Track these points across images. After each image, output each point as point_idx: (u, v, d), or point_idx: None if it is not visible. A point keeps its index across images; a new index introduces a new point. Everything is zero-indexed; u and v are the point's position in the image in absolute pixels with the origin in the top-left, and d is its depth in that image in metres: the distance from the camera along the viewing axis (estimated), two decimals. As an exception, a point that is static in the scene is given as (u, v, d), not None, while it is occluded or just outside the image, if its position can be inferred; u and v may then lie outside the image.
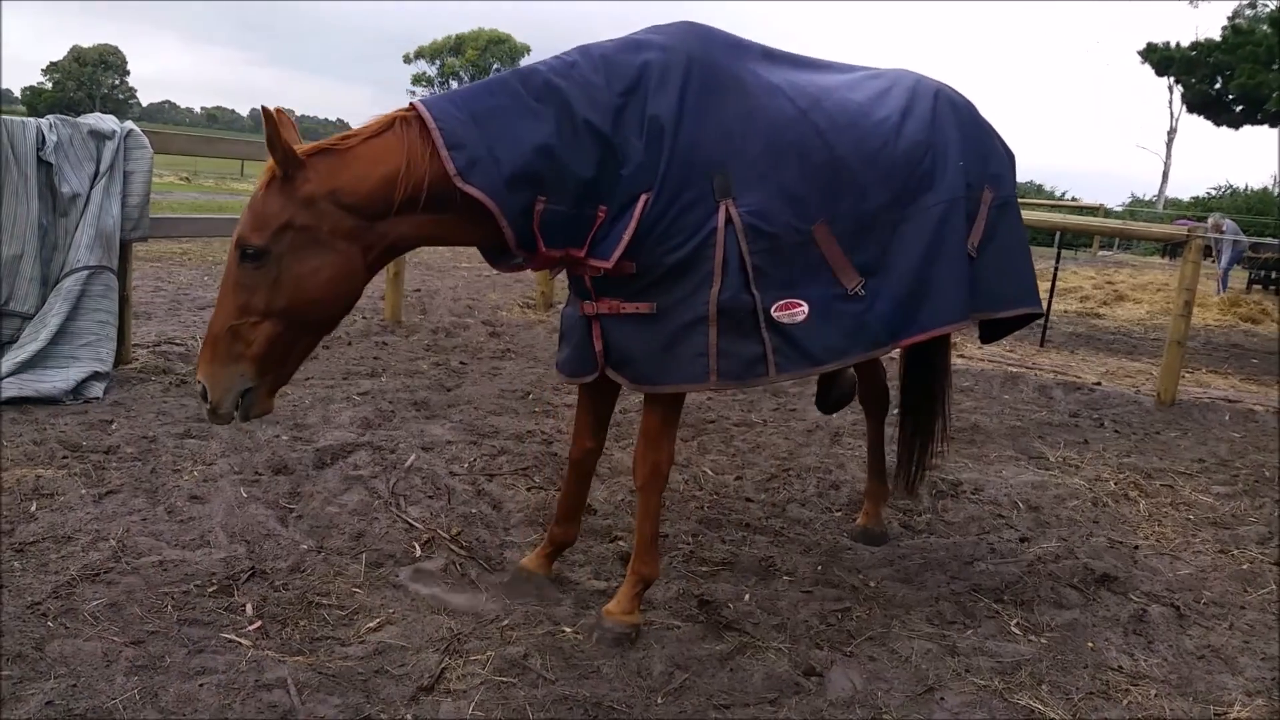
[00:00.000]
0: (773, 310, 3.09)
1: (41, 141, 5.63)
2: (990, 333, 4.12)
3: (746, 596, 3.74)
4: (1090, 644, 3.60)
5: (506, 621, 3.37)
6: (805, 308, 3.15)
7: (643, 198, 2.97)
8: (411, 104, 2.90)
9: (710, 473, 5.30)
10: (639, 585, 3.37)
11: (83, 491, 4.12)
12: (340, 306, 2.91)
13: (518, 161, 2.85)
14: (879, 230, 3.34)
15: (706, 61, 3.13)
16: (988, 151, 3.67)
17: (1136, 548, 4.64)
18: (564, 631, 3.35)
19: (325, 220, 2.76)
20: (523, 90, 2.93)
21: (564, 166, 2.91)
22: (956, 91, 3.77)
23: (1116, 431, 7.10)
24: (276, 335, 2.78)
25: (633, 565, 3.40)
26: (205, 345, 2.81)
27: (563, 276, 3.48)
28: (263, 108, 2.66)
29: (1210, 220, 21.41)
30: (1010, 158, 3.90)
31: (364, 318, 8.97)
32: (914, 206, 3.40)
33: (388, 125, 2.87)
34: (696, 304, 3.02)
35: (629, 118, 2.99)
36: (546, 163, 2.88)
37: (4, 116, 5.57)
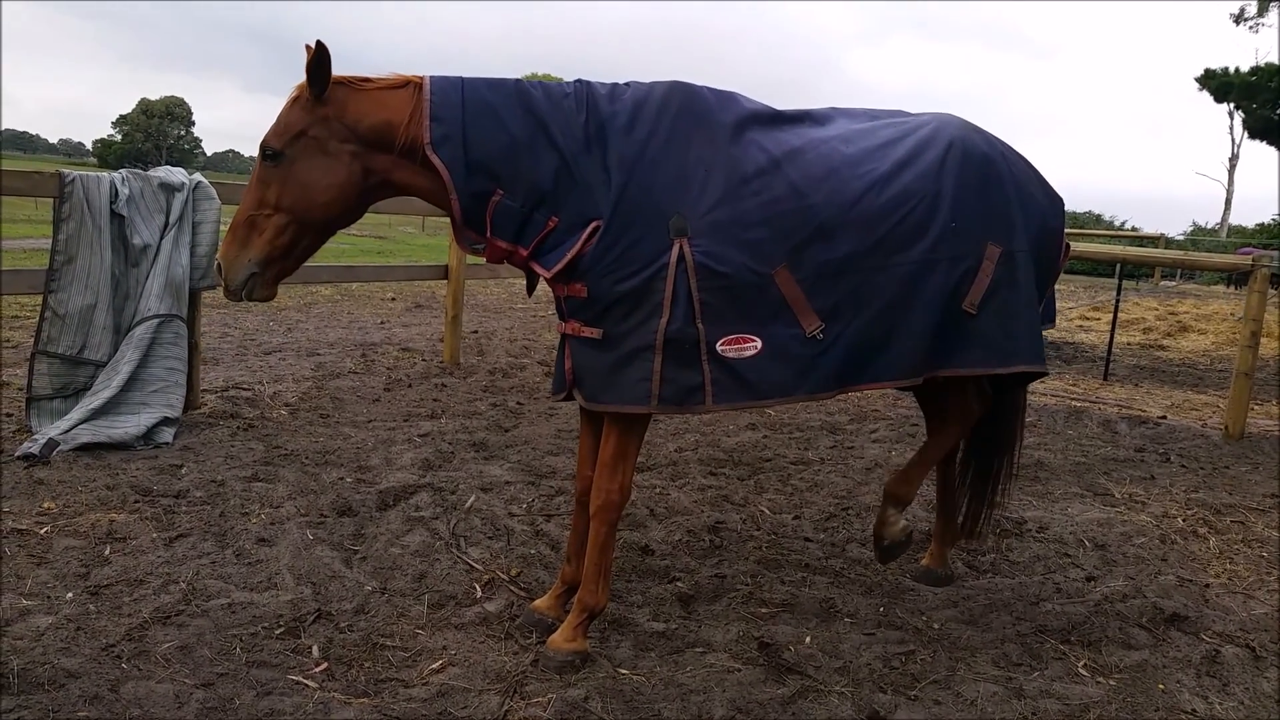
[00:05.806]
0: (719, 344, 3.24)
1: (114, 195, 5.84)
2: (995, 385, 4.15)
3: (808, 639, 3.71)
4: (1161, 686, 3.52)
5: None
6: (758, 343, 3.28)
7: (593, 224, 3.23)
8: (423, 76, 3.29)
9: (768, 512, 5.28)
10: (582, 615, 3.45)
11: (154, 535, 4.23)
12: (335, 212, 3.30)
13: (483, 152, 3.22)
14: (850, 277, 3.35)
15: (681, 114, 3.35)
16: (997, 205, 3.54)
17: (1207, 586, 4.53)
18: (624, 674, 3.35)
19: (333, 135, 3.22)
20: (516, 99, 3.30)
21: (523, 172, 3.24)
22: (984, 139, 3.65)
23: (1184, 466, 6.95)
24: (283, 227, 3.23)
25: (579, 594, 3.49)
26: (229, 232, 3.27)
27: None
28: (306, 45, 3.13)
29: None
30: (1045, 203, 3.74)
31: (423, 360, 9.11)
32: (899, 256, 3.38)
33: (402, 84, 3.29)
34: (645, 332, 3.21)
35: (595, 152, 3.28)
36: (508, 163, 3.23)
37: (80, 173, 5.80)
